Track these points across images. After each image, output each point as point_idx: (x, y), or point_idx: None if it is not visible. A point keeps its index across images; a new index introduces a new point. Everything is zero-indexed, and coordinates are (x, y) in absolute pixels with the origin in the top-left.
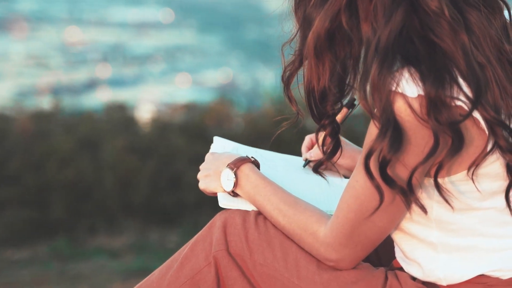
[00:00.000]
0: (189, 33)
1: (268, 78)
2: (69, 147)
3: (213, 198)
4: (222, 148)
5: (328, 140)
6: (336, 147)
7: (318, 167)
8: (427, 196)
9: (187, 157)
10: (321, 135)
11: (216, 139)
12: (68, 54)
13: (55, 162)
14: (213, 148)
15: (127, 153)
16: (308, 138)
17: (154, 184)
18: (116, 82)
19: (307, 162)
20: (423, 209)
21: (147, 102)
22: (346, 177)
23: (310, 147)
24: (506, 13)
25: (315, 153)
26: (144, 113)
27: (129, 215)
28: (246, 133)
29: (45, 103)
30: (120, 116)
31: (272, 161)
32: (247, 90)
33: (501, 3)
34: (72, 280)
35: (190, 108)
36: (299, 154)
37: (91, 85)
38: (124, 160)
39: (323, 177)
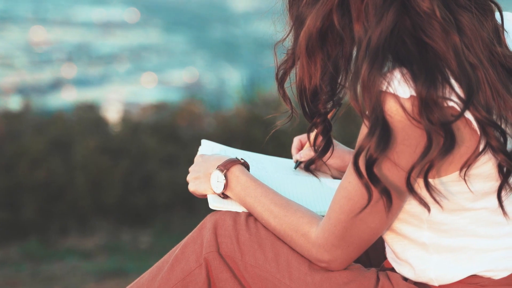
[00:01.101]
0: (155, 33)
1: (234, 77)
2: (40, 147)
3: (185, 199)
4: (210, 150)
5: (320, 138)
6: (328, 145)
7: (309, 166)
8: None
9: (159, 157)
10: (313, 134)
11: (204, 142)
12: (33, 54)
13: (26, 163)
14: (201, 150)
15: (99, 154)
16: (297, 140)
17: (126, 184)
18: (81, 82)
19: (297, 163)
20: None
21: (114, 101)
22: (336, 178)
23: (300, 148)
24: (497, 15)
25: (305, 154)
26: (112, 113)
27: (101, 216)
28: (217, 132)
29: (11, 103)
30: (90, 116)
31: (261, 163)
32: (212, 90)
33: (493, 5)
34: (45, 281)
35: (160, 108)
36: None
37: (56, 85)
38: (95, 160)
39: (315, 176)
